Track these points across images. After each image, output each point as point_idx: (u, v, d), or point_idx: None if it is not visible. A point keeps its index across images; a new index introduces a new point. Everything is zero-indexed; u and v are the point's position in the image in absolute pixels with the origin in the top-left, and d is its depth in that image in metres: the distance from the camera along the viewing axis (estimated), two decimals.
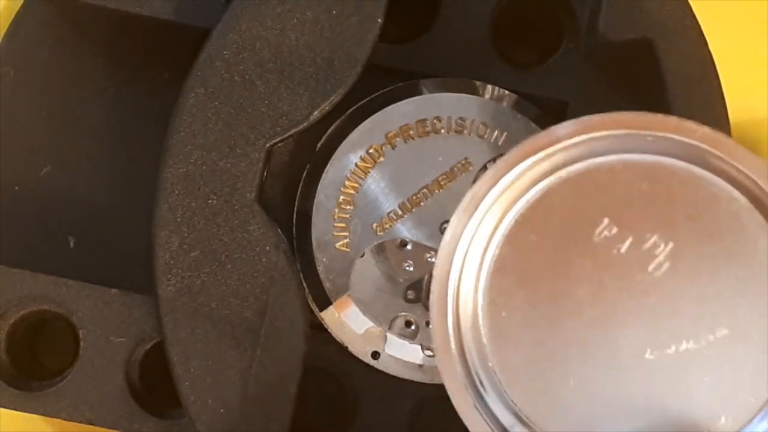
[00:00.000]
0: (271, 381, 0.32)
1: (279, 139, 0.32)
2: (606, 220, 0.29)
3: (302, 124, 0.32)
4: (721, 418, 0.29)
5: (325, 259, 0.35)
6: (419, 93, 0.36)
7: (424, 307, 0.35)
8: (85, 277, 0.34)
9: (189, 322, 0.32)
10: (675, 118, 0.29)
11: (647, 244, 0.29)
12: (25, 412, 0.33)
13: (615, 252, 0.29)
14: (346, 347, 0.35)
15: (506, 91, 0.36)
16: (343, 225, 0.35)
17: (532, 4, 0.37)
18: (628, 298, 0.29)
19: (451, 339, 0.29)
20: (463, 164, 0.35)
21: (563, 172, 0.29)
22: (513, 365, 0.29)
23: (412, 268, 0.35)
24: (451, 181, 0.35)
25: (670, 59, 0.33)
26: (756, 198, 0.29)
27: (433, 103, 0.35)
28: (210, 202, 0.32)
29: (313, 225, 0.35)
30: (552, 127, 0.29)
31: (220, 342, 0.32)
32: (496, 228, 0.29)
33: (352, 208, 0.35)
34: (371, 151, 0.35)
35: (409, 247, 0.35)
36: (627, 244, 0.29)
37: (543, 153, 0.29)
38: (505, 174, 0.29)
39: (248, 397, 0.32)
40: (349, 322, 0.35)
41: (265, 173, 0.33)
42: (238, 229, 0.32)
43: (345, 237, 0.35)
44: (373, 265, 0.35)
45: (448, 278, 0.29)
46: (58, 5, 0.37)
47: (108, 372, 0.33)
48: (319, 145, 0.36)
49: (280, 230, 0.33)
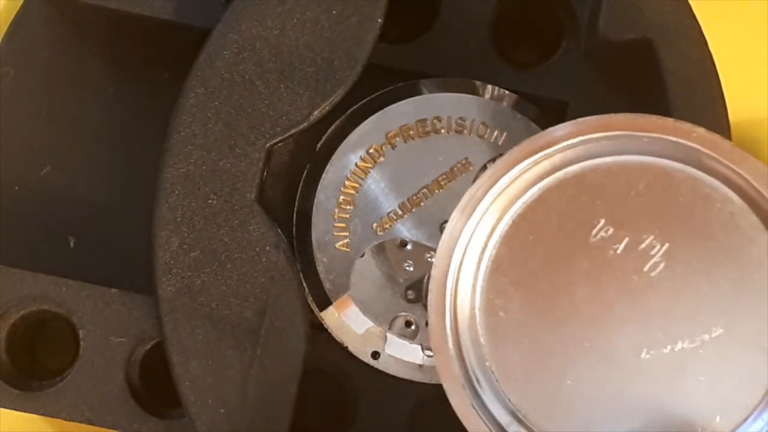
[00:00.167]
0: (271, 381, 0.32)
1: (279, 139, 0.32)
2: (602, 221, 0.29)
3: (302, 124, 0.32)
4: (717, 417, 0.29)
5: (325, 259, 0.35)
6: (419, 93, 0.36)
7: (424, 307, 0.35)
8: (85, 277, 0.34)
9: (189, 322, 0.32)
10: (670, 119, 0.29)
11: (643, 245, 0.29)
12: (25, 412, 0.33)
13: (611, 252, 0.29)
14: (346, 347, 0.35)
15: (506, 91, 0.36)
16: (343, 225, 0.35)
17: (532, 4, 0.37)
18: (625, 298, 0.29)
19: (449, 338, 0.29)
20: (463, 164, 0.35)
21: (560, 174, 0.29)
22: (510, 365, 0.29)
23: (412, 268, 0.35)
24: (451, 181, 0.35)
25: (670, 59, 0.33)
26: (750, 199, 0.29)
27: (433, 103, 0.35)
28: (210, 202, 0.32)
29: (313, 225, 0.35)
30: (549, 129, 0.30)
31: (220, 342, 0.32)
32: (494, 228, 0.30)
33: (352, 208, 0.35)
34: (371, 151, 0.35)
35: (409, 247, 0.35)
36: (623, 244, 0.29)
37: (540, 154, 0.29)
38: (503, 175, 0.29)
39: (248, 397, 0.32)
40: (349, 322, 0.35)
41: (265, 173, 0.33)
42: (238, 229, 0.32)
43: (345, 237, 0.35)
44: (373, 265, 0.35)
45: (446, 278, 0.29)
46: (58, 5, 0.37)
47: (108, 372, 0.33)
48: (319, 145, 0.36)
49: (280, 230, 0.33)
